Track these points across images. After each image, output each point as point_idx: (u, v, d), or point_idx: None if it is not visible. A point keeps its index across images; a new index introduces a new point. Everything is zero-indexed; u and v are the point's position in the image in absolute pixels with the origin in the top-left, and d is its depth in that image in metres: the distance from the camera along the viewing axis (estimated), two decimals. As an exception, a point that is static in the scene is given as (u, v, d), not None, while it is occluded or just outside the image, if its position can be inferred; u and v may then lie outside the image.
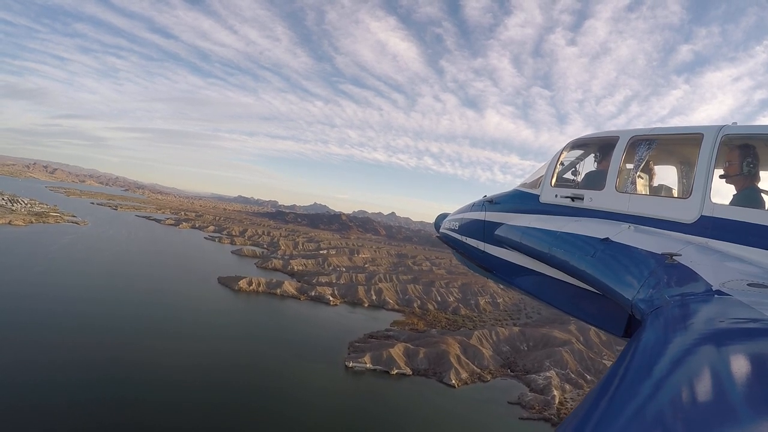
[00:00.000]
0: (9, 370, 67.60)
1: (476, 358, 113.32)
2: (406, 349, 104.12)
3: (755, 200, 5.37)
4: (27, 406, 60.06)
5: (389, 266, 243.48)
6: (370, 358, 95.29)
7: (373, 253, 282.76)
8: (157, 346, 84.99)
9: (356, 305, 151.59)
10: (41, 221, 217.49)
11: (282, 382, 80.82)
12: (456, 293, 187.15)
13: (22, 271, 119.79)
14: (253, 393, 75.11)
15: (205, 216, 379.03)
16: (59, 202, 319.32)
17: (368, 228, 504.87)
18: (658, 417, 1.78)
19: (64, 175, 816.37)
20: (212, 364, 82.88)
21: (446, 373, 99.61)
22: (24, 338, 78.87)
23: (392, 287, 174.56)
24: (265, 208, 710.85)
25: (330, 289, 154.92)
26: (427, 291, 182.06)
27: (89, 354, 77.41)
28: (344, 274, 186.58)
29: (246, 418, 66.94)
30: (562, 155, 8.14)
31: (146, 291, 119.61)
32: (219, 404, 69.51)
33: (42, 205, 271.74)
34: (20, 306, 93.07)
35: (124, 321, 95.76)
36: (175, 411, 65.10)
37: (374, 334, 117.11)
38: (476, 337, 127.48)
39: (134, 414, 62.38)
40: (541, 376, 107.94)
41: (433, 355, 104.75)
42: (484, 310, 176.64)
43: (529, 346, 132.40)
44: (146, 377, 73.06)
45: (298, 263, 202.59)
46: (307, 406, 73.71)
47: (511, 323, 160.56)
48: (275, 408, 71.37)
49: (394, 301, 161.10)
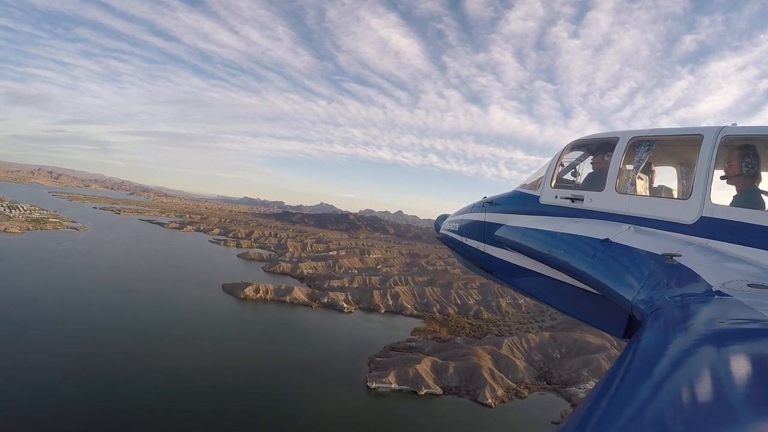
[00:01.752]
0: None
1: (510, 370, 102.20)
2: (434, 364, 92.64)
3: (755, 201, 5.32)
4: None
5: (402, 267, 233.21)
6: (395, 377, 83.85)
7: (384, 253, 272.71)
8: (152, 380, 71.76)
9: (372, 311, 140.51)
10: (39, 228, 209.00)
11: (298, 408, 69.78)
12: (475, 295, 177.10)
13: (2, 285, 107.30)
14: (265, 421, 64.55)
15: (211, 218, 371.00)
16: (61, 207, 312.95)
17: (377, 227, 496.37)
18: (659, 417, 1.78)
19: (68, 180, 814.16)
20: (216, 385, 72.16)
21: (480, 391, 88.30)
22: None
23: (409, 290, 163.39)
24: (272, 209, 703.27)
25: (343, 295, 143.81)
26: (446, 293, 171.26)
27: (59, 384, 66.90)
28: (357, 277, 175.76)
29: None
30: (561, 156, 8.03)
31: (140, 306, 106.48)
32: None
33: (42, 211, 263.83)
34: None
35: (110, 348, 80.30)
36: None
37: (395, 346, 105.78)
38: (506, 346, 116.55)
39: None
40: (582, 388, 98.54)
41: (463, 369, 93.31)
42: (506, 312, 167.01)
43: (562, 354, 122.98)
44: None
45: (308, 266, 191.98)
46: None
47: (536, 326, 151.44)
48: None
49: (412, 306, 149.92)
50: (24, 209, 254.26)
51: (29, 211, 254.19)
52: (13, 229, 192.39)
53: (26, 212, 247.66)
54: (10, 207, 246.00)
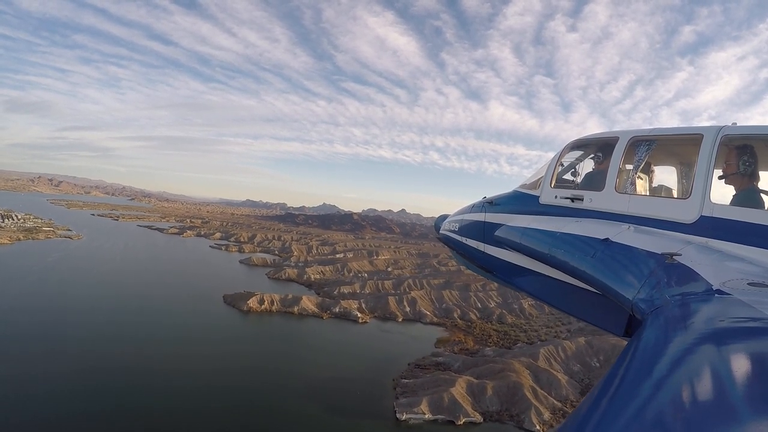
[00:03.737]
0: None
1: (552, 386, 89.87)
2: (469, 384, 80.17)
3: (755, 200, 5.30)
4: None
5: (414, 268, 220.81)
6: (428, 404, 71.38)
7: (393, 253, 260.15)
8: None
9: (388, 320, 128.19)
10: (31, 237, 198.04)
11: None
12: (495, 297, 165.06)
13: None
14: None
15: (212, 222, 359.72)
16: (58, 215, 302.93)
17: (382, 227, 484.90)
18: (659, 417, 1.77)
19: (69, 187, 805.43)
20: (215, 426, 59.92)
21: (525, 414, 76.03)
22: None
23: (426, 295, 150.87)
24: (274, 211, 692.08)
25: (356, 303, 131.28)
26: (465, 297, 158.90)
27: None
28: (368, 282, 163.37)
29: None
30: (561, 156, 7.94)
31: (127, 325, 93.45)
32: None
33: (36, 220, 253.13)
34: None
35: (81, 393, 65.42)
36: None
37: (421, 363, 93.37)
38: (543, 357, 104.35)
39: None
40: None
41: (503, 390, 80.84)
42: (530, 315, 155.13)
43: (600, 362, 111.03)
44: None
45: (315, 271, 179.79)
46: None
47: (564, 330, 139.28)
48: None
49: (431, 313, 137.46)
50: (18, 218, 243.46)
51: (23, 220, 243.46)
52: (3, 239, 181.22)
53: (19, 221, 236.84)
54: (3, 216, 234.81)
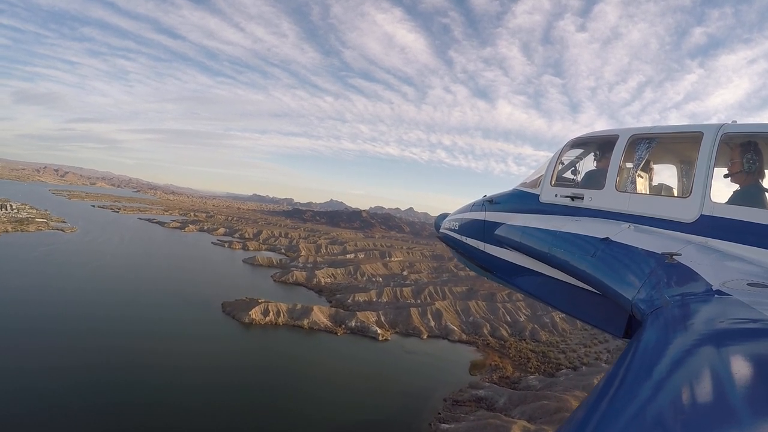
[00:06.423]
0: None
1: None
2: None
3: (755, 199, 5.26)
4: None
5: (431, 272, 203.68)
6: (481, 469, 54.52)
7: (406, 255, 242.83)
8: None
9: (410, 335, 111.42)
10: (20, 229, 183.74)
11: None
12: (524, 309, 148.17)
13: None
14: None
15: (217, 216, 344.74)
16: (58, 205, 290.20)
17: (391, 225, 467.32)
18: (659, 417, 1.77)
19: (75, 178, 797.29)
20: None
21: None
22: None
23: (450, 306, 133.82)
24: (281, 206, 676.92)
25: (374, 315, 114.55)
26: (493, 309, 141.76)
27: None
28: (386, 288, 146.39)
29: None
30: (561, 154, 7.90)
31: (104, 351, 75.80)
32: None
33: (31, 210, 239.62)
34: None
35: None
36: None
37: (459, 398, 76.48)
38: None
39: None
40: None
41: (568, 442, 63.67)
42: (563, 330, 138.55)
43: None
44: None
45: (325, 274, 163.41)
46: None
47: (603, 348, 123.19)
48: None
49: (459, 328, 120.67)
50: (11, 208, 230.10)
51: (17, 210, 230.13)
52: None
53: (12, 212, 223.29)
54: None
